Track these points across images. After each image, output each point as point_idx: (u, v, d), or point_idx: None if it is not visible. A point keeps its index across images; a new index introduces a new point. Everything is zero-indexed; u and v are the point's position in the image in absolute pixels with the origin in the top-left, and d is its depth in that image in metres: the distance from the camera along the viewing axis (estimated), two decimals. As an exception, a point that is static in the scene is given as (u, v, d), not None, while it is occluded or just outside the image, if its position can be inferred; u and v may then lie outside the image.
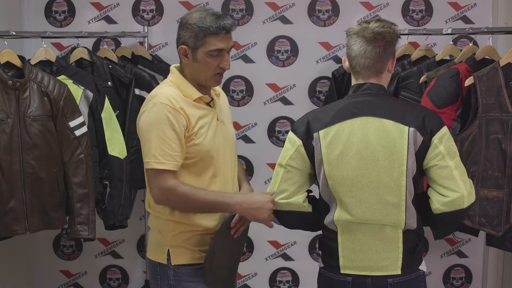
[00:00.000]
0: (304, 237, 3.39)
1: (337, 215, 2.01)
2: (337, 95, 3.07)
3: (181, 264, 2.13)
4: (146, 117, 2.08)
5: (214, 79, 2.14)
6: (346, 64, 2.08)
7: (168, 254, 2.13)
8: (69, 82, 2.79)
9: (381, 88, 2.03)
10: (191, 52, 2.09)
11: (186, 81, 2.14)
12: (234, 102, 3.37)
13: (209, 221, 2.14)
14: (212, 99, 2.19)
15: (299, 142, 2.04)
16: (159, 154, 2.03)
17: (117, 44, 3.29)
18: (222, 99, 2.30)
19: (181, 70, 2.18)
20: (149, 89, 3.02)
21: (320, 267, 2.14)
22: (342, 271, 2.03)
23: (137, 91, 3.04)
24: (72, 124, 2.70)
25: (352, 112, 2.00)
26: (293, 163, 2.05)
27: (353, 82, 2.06)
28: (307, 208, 2.08)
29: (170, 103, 2.05)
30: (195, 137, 2.09)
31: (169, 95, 2.08)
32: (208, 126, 2.13)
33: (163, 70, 3.20)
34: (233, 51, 3.34)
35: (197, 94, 2.13)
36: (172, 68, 2.21)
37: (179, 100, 2.08)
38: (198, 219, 2.12)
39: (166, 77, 3.16)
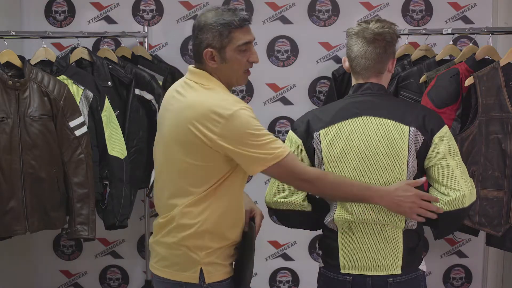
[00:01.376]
0: (304, 237, 3.39)
1: (337, 214, 2.01)
2: (337, 95, 3.07)
3: (216, 282, 2.00)
4: (238, 125, 1.87)
5: (244, 76, 2.00)
6: (346, 64, 2.08)
7: (201, 273, 1.97)
8: (69, 82, 2.79)
9: (382, 88, 2.03)
10: (218, 53, 1.93)
11: (222, 84, 1.97)
12: (234, 102, 3.37)
13: (238, 234, 2.04)
14: None
15: (299, 141, 2.04)
16: (275, 146, 1.88)
17: (117, 44, 3.29)
18: None
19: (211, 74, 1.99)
20: (149, 89, 3.03)
21: (320, 267, 2.14)
22: (342, 271, 2.03)
23: (137, 91, 3.04)
24: (72, 124, 2.70)
25: (352, 112, 2.00)
26: (293, 162, 2.05)
27: (353, 82, 2.07)
28: (307, 207, 2.08)
29: (245, 105, 1.90)
30: None
31: (235, 99, 1.94)
32: None
33: (163, 70, 3.20)
34: (233, 51, 3.34)
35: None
36: (202, 72, 1.98)
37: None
38: (229, 233, 2.00)
39: (166, 77, 3.19)
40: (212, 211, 1.94)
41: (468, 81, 2.58)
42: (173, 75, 3.19)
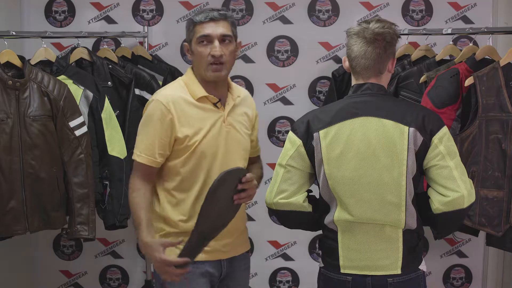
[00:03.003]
0: (304, 237, 3.39)
1: (337, 215, 2.01)
2: (337, 95, 3.07)
3: None
4: (145, 110, 2.18)
5: (210, 68, 2.11)
6: (346, 64, 2.08)
7: None
8: (69, 82, 2.79)
9: (381, 88, 2.03)
10: (190, 46, 2.16)
11: (195, 79, 2.17)
12: (234, 102, 3.37)
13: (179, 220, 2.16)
14: (219, 100, 2.17)
15: (299, 142, 2.04)
16: (142, 148, 2.13)
17: (117, 44, 3.29)
18: (244, 104, 2.27)
19: (192, 69, 2.21)
20: (149, 89, 3.02)
21: (320, 267, 2.14)
22: (342, 271, 2.03)
23: (137, 91, 3.04)
24: (72, 124, 2.70)
25: (352, 112, 2.00)
26: (293, 163, 2.05)
27: (353, 82, 2.07)
28: (307, 208, 2.08)
29: (166, 101, 2.10)
30: (189, 138, 2.10)
31: (170, 94, 2.13)
32: (209, 128, 2.12)
33: (163, 70, 3.20)
34: (233, 51, 3.34)
35: (202, 92, 2.13)
36: (189, 67, 2.24)
37: (179, 102, 2.11)
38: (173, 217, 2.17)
39: (166, 77, 3.20)
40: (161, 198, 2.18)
41: (468, 81, 2.58)
42: (173, 75, 3.19)
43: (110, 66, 3.02)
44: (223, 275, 2.23)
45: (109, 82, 2.99)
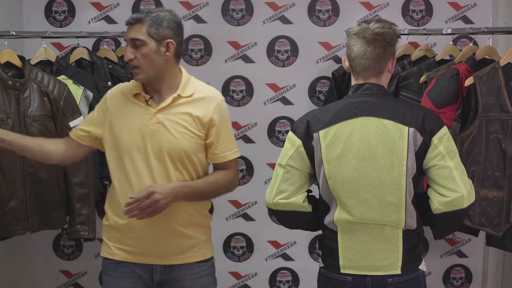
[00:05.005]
0: (304, 237, 3.39)
1: (337, 215, 2.01)
2: (337, 95, 3.07)
3: (103, 257, 2.25)
4: None
5: (131, 67, 2.17)
6: (346, 64, 2.08)
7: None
8: (69, 82, 2.80)
9: (381, 88, 2.03)
10: None
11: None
12: (234, 102, 3.37)
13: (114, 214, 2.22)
14: (151, 97, 2.14)
15: (298, 142, 2.04)
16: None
17: (117, 44, 3.29)
18: (195, 105, 2.17)
19: None
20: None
21: (320, 267, 2.14)
22: (342, 271, 2.03)
23: (137, 91, 3.04)
24: (72, 124, 2.70)
25: (352, 112, 2.00)
26: (293, 163, 2.05)
27: (353, 82, 2.06)
28: (307, 208, 2.08)
29: (109, 93, 2.24)
30: (110, 129, 2.17)
31: (116, 88, 2.26)
32: (131, 122, 2.14)
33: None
34: (233, 51, 3.35)
35: (135, 90, 2.19)
36: None
37: (118, 94, 2.21)
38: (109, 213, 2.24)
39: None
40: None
41: (468, 81, 2.58)
42: (173, 75, 3.18)
43: (110, 66, 3.02)
44: (158, 280, 2.19)
45: (109, 82, 2.99)
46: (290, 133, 2.08)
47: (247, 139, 3.41)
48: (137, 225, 2.12)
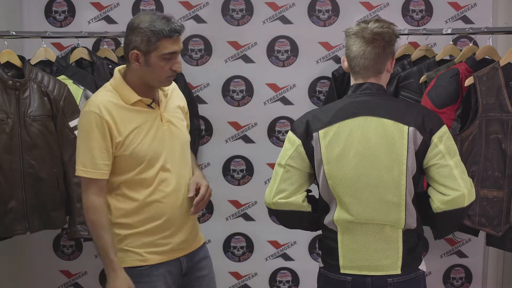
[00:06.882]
0: (304, 237, 3.39)
1: (337, 214, 2.01)
2: (337, 95, 3.07)
3: (126, 267, 2.16)
4: (78, 124, 2.15)
5: (167, 80, 2.15)
6: (345, 64, 2.08)
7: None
8: (69, 82, 2.80)
9: (380, 88, 2.03)
10: (144, 56, 2.07)
11: (125, 85, 2.14)
12: (234, 102, 3.37)
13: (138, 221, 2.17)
14: (153, 100, 2.17)
15: (298, 141, 2.04)
16: (86, 162, 2.08)
17: (117, 44, 3.29)
18: (174, 97, 2.29)
19: (124, 73, 2.17)
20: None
21: (320, 267, 2.14)
22: (342, 271, 2.03)
23: (137, 91, 3.04)
24: (72, 124, 2.70)
25: (351, 112, 2.00)
26: (293, 162, 2.05)
27: (352, 82, 2.07)
28: (307, 207, 2.08)
29: (97, 109, 2.07)
30: (127, 145, 2.10)
31: (101, 102, 2.09)
32: (147, 131, 2.13)
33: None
34: (233, 51, 3.35)
35: (135, 98, 2.12)
36: (115, 71, 2.19)
37: (112, 108, 2.09)
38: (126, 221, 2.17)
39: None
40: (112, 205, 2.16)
41: (468, 81, 2.58)
42: (173, 75, 3.19)
43: (110, 66, 3.02)
44: (185, 270, 2.26)
45: (109, 82, 2.99)
46: (290, 133, 2.08)
47: (247, 139, 3.41)
48: (177, 218, 2.18)
